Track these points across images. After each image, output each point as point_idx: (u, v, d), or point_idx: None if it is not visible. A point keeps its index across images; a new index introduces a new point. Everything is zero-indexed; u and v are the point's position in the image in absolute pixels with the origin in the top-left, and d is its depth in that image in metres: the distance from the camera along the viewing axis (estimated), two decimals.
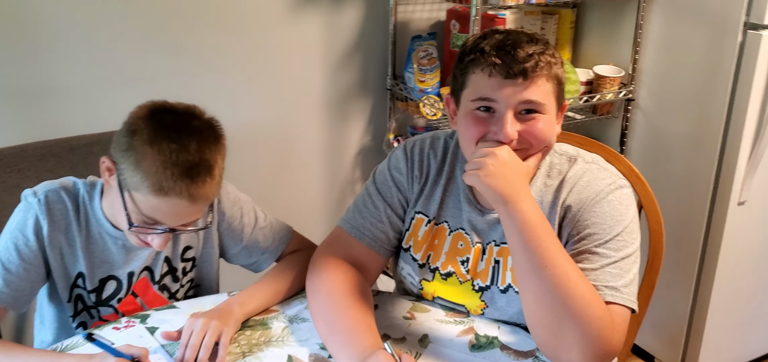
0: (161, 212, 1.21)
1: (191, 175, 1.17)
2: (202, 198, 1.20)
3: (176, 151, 1.17)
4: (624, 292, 1.16)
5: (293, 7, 2.37)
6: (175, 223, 1.24)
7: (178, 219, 1.24)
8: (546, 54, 1.18)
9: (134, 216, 1.22)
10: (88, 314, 1.40)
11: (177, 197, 1.17)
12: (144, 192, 1.18)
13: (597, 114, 2.52)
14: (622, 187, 1.25)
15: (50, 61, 2.04)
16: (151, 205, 1.20)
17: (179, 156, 1.17)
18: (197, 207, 1.23)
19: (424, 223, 1.36)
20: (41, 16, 2.00)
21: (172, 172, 1.16)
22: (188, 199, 1.18)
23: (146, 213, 1.21)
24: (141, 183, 1.18)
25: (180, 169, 1.16)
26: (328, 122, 2.61)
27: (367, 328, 1.20)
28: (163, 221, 1.22)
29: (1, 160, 1.56)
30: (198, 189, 1.18)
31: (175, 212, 1.21)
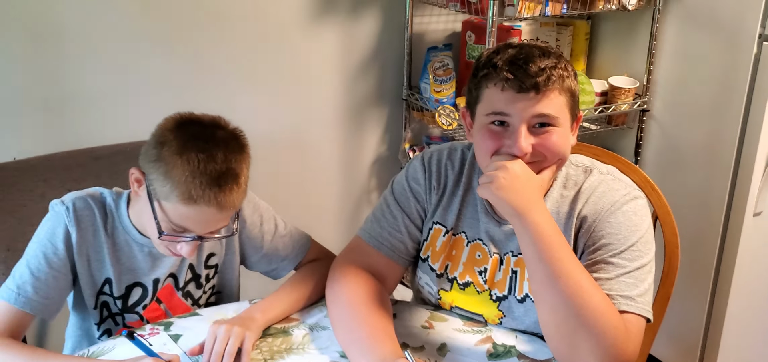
0: (190, 220, 1.24)
1: (219, 184, 1.21)
2: (229, 205, 1.24)
3: (204, 160, 1.20)
4: (639, 302, 1.17)
5: (311, 19, 2.40)
6: (203, 231, 1.27)
7: (207, 226, 1.27)
8: (558, 67, 1.19)
9: (164, 225, 1.25)
10: (113, 321, 1.43)
11: (206, 205, 1.21)
12: (173, 201, 1.22)
13: (612, 124, 2.53)
14: (637, 198, 1.27)
15: (75, 72, 2.08)
16: (180, 214, 1.23)
17: (207, 165, 1.20)
18: (225, 214, 1.26)
19: (442, 234, 1.38)
20: (67, 28, 2.04)
21: (200, 181, 1.20)
22: (216, 207, 1.22)
23: (176, 221, 1.24)
24: (170, 192, 1.21)
25: (208, 178, 1.20)
26: (344, 132, 2.64)
27: (386, 336, 1.22)
28: (192, 229, 1.26)
29: (27, 169, 1.59)
30: (226, 197, 1.22)
31: (204, 220, 1.25)
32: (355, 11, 2.46)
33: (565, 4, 2.20)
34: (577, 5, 2.21)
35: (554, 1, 2.16)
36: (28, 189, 1.57)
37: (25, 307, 1.27)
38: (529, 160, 1.21)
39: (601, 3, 2.25)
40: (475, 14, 2.15)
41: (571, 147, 1.27)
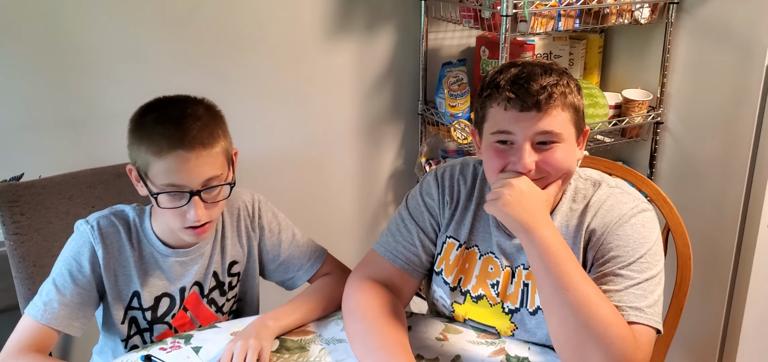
0: (171, 172, 1.28)
1: (178, 124, 1.28)
2: (197, 143, 1.28)
3: (162, 115, 1.31)
4: (648, 313, 1.19)
5: (328, 35, 2.44)
6: (194, 182, 1.29)
7: (190, 175, 1.29)
8: (560, 84, 1.22)
9: (160, 198, 1.30)
10: (141, 338, 1.47)
11: (174, 149, 1.27)
12: (151, 163, 1.28)
13: (626, 137, 2.54)
14: (645, 211, 1.29)
15: (100, 92, 2.14)
16: (160, 171, 1.28)
17: (166, 116, 1.30)
18: (201, 157, 1.29)
19: (455, 248, 1.41)
20: (91, 50, 2.10)
21: (161, 131, 1.28)
22: (185, 148, 1.27)
23: (163, 182, 1.29)
24: (145, 156, 1.29)
25: (168, 126, 1.29)
26: (360, 146, 2.67)
27: (402, 348, 1.24)
28: (180, 182, 1.29)
29: (53, 187, 1.64)
30: (189, 135, 1.27)
31: (183, 167, 1.28)
32: (370, 28, 2.50)
33: (577, 19, 2.22)
34: (590, 20, 2.23)
35: (566, 16, 2.18)
36: (54, 207, 1.62)
37: (51, 323, 1.31)
38: (534, 177, 1.23)
39: (613, 17, 2.27)
40: (489, 30, 2.17)
41: (578, 161, 1.29)
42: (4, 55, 2.01)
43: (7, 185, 1.60)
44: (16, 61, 2.02)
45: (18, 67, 2.03)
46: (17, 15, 1.99)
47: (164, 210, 1.31)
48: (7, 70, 2.02)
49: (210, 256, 1.48)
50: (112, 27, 2.11)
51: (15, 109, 2.06)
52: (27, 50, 2.03)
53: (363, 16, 2.48)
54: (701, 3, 2.25)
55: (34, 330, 1.30)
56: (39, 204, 1.60)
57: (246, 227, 1.52)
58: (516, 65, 1.25)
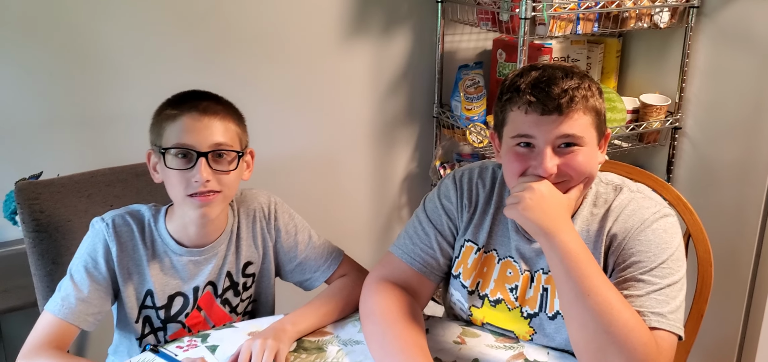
0: (182, 132, 1.32)
1: (196, 95, 1.37)
2: (210, 111, 1.34)
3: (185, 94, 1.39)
4: (670, 318, 1.18)
5: (344, 37, 2.44)
6: (202, 144, 1.32)
7: (200, 135, 1.32)
8: (582, 87, 1.21)
9: (168, 158, 1.33)
10: (155, 337, 1.48)
11: (188, 112, 1.33)
12: (166, 128, 1.34)
13: (643, 142, 2.52)
14: (667, 216, 1.27)
15: (117, 92, 2.15)
16: (173, 132, 1.33)
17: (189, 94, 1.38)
18: (212, 122, 1.34)
19: (473, 251, 1.40)
20: (109, 51, 2.11)
21: (178, 98, 1.37)
22: (198, 111, 1.33)
23: (173, 142, 1.32)
24: (162, 124, 1.35)
25: (184, 95, 1.38)
26: (375, 149, 2.66)
27: (420, 351, 1.24)
28: (190, 142, 1.32)
29: (71, 185, 1.64)
30: (203, 103, 1.35)
31: (194, 126, 1.33)
32: (386, 30, 2.50)
33: (596, 22, 2.21)
34: (609, 24, 2.22)
35: (585, 20, 2.17)
36: (73, 205, 1.62)
37: (69, 318, 1.32)
38: (555, 180, 1.22)
39: (632, 21, 2.25)
40: (506, 33, 2.17)
41: (599, 164, 1.28)
42: (24, 56, 2.02)
43: (26, 183, 1.61)
44: (36, 61, 2.04)
45: (37, 67, 2.05)
46: (37, 16, 2.00)
47: (170, 175, 1.33)
48: (26, 69, 2.04)
49: (224, 256, 1.48)
50: (130, 28, 2.12)
51: (34, 108, 2.07)
52: (46, 50, 2.04)
53: (379, 18, 2.48)
54: (722, 7, 2.23)
55: (53, 326, 1.32)
56: (58, 202, 1.61)
57: (262, 229, 1.52)
58: (536, 68, 1.24)
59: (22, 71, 2.03)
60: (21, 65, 2.03)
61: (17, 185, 1.60)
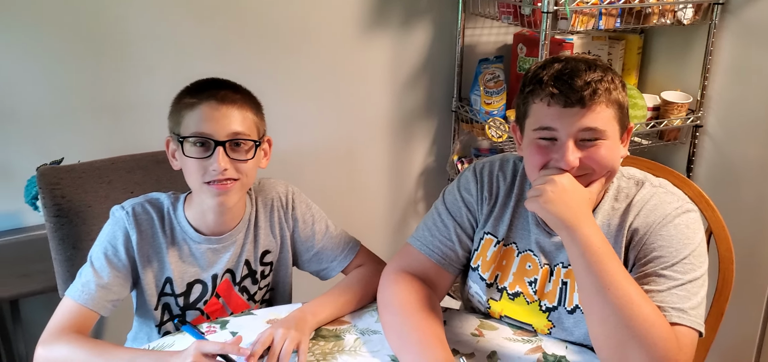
0: (201, 120, 1.33)
1: (213, 83, 1.38)
2: (228, 100, 1.35)
3: (200, 81, 1.39)
4: (691, 314, 1.17)
5: (364, 30, 2.44)
6: (220, 133, 1.33)
7: (218, 124, 1.33)
8: (605, 80, 1.19)
9: (186, 146, 1.33)
10: (173, 325, 1.49)
11: (207, 100, 1.34)
12: (185, 116, 1.34)
13: (664, 140, 2.51)
14: (690, 211, 1.26)
15: (137, 80, 2.16)
16: (192, 121, 1.34)
17: (207, 82, 1.39)
18: (230, 111, 1.34)
19: (492, 244, 1.40)
20: (131, 39, 2.13)
21: (197, 86, 1.37)
22: (217, 100, 1.34)
23: (192, 131, 1.33)
24: (181, 112, 1.35)
25: (203, 83, 1.38)
26: (392, 142, 2.66)
27: (438, 342, 1.24)
28: (208, 131, 1.32)
29: (93, 171, 1.65)
30: (221, 91, 1.35)
31: (212, 115, 1.33)
32: (407, 23, 2.50)
33: (619, 18, 2.20)
34: (631, 19, 2.21)
35: (608, 15, 2.16)
36: (93, 191, 1.64)
37: (89, 304, 1.33)
38: (577, 174, 1.21)
39: (655, 17, 2.24)
40: (528, 27, 2.16)
41: (622, 158, 1.27)
42: (45, 44, 2.04)
43: (48, 168, 1.62)
44: (58, 49, 2.06)
45: (59, 55, 2.06)
46: (60, 5, 2.02)
47: (188, 163, 1.34)
48: (48, 57, 2.05)
49: (242, 244, 1.49)
50: (152, 17, 2.13)
51: (55, 95, 2.09)
52: (68, 39, 2.06)
53: (400, 11, 2.47)
54: (747, 4, 2.21)
55: (73, 311, 1.33)
56: (79, 188, 1.62)
57: (279, 218, 1.52)
58: (559, 60, 1.23)
59: (45, 59, 2.05)
60: (43, 53, 2.05)
61: (39, 170, 1.61)
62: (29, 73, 2.05)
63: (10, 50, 2.01)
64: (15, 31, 2.00)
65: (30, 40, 2.02)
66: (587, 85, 1.17)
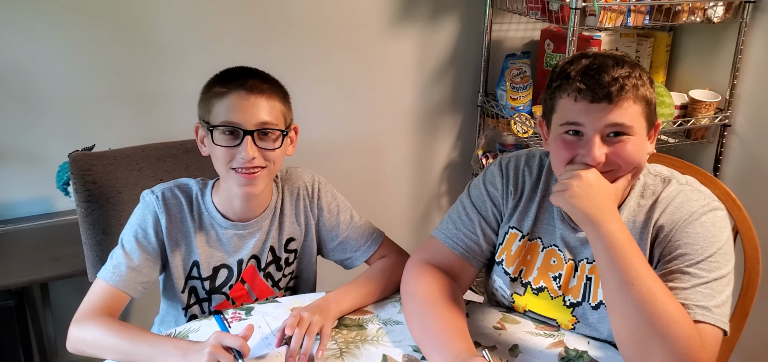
0: (230, 109, 1.35)
1: (242, 72, 1.40)
2: (257, 89, 1.37)
3: (233, 71, 1.41)
4: (715, 312, 1.16)
5: (391, 23, 2.45)
6: (249, 122, 1.35)
7: (247, 113, 1.35)
8: (632, 76, 1.19)
9: (216, 134, 1.36)
10: (200, 308, 1.52)
11: (236, 90, 1.36)
12: (214, 104, 1.37)
13: (691, 138, 2.49)
14: (717, 209, 1.26)
15: (169, 70, 2.19)
16: (221, 109, 1.36)
17: (236, 69, 1.41)
18: (259, 101, 1.36)
19: (517, 239, 1.40)
20: (162, 29, 2.16)
21: (227, 75, 1.40)
22: (246, 89, 1.36)
23: (221, 119, 1.35)
24: (210, 100, 1.38)
25: (232, 72, 1.40)
26: (417, 136, 2.67)
27: (460, 333, 1.24)
28: (237, 120, 1.35)
29: (123, 159, 1.68)
30: (250, 81, 1.37)
31: (241, 104, 1.35)
32: (434, 17, 2.50)
33: (647, 15, 2.18)
34: (660, 17, 2.19)
35: (636, 12, 2.15)
36: (124, 177, 1.67)
37: (119, 285, 1.36)
38: (603, 169, 1.21)
39: (684, 15, 2.22)
40: (556, 23, 2.15)
41: (648, 155, 1.26)
42: (77, 33, 2.08)
43: (80, 154, 1.65)
44: (91, 39, 2.09)
45: (92, 44, 2.10)
46: None
47: (217, 151, 1.37)
48: (81, 46, 2.09)
49: (267, 231, 1.51)
50: (183, 8, 2.16)
51: (87, 83, 2.13)
52: (99, 28, 2.09)
53: (427, 5, 2.48)
54: None
55: (105, 292, 1.36)
56: (110, 175, 1.65)
57: (305, 207, 1.54)
58: (587, 56, 1.23)
59: (78, 48, 2.09)
60: (76, 42, 2.09)
61: (71, 156, 1.64)
62: (61, 61, 2.09)
63: (42, 39, 2.05)
64: (48, 20, 2.04)
65: (62, 29, 2.06)
66: (615, 81, 1.17)
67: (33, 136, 2.12)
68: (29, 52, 2.05)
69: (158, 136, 1.81)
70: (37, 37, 2.04)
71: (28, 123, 2.10)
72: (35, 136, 2.12)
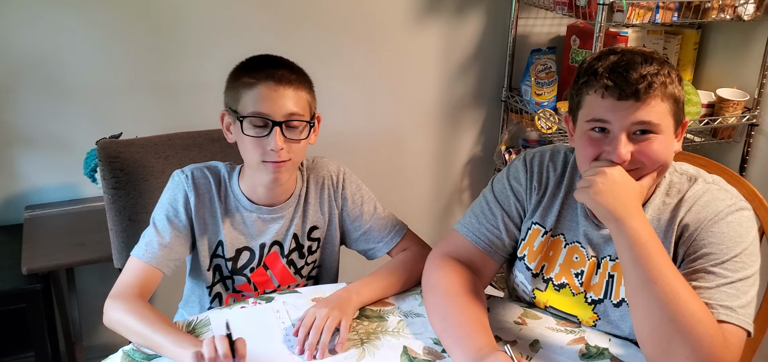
0: (259, 100, 1.38)
1: (269, 62, 1.42)
2: (285, 81, 1.39)
3: (259, 59, 1.44)
4: (740, 313, 1.15)
5: (415, 17, 2.45)
6: (277, 113, 1.38)
7: (276, 105, 1.38)
8: (661, 74, 1.18)
9: (245, 125, 1.38)
10: (224, 285, 1.55)
11: (265, 81, 1.38)
12: (243, 94, 1.39)
13: (717, 138, 2.46)
14: (743, 209, 1.24)
15: (195, 60, 2.22)
16: (250, 100, 1.38)
17: (263, 59, 1.44)
18: (287, 92, 1.39)
19: (540, 234, 1.40)
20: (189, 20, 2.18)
21: (256, 69, 1.41)
22: (275, 81, 1.38)
23: (250, 110, 1.38)
24: (238, 89, 1.40)
25: (263, 65, 1.42)
26: (440, 130, 2.67)
27: (481, 327, 1.25)
28: (266, 111, 1.37)
29: (150, 147, 1.71)
30: (279, 71, 1.39)
31: (270, 96, 1.38)
32: (460, 11, 2.49)
33: (676, 12, 2.16)
34: (689, 14, 2.17)
35: (665, 9, 2.12)
36: (150, 165, 1.69)
37: (152, 262, 1.40)
38: (628, 167, 1.20)
39: (714, 12, 2.19)
40: (583, 18, 2.14)
41: (674, 153, 1.26)
42: (106, 22, 2.10)
43: (108, 141, 1.67)
44: (119, 28, 2.12)
45: (120, 34, 2.13)
46: None
47: (246, 141, 1.39)
48: (110, 36, 2.12)
49: (291, 218, 1.53)
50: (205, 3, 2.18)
51: (115, 72, 2.16)
52: (128, 18, 2.12)
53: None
54: None
55: (138, 269, 1.40)
56: (136, 163, 1.67)
57: (329, 196, 1.56)
58: (615, 52, 1.22)
59: (106, 37, 2.12)
60: (104, 31, 2.11)
61: (99, 144, 1.67)
62: (90, 50, 2.11)
63: (71, 28, 2.08)
64: (77, 9, 2.07)
65: (91, 19, 2.09)
66: (643, 79, 1.16)
67: (61, 124, 2.15)
68: (58, 41, 2.08)
69: (184, 125, 1.83)
70: (66, 26, 2.07)
71: (57, 110, 2.14)
72: (63, 124, 2.15)
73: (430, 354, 1.26)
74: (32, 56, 2.07)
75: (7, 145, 2.13)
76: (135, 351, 1.27)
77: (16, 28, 2.03)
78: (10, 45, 2.04)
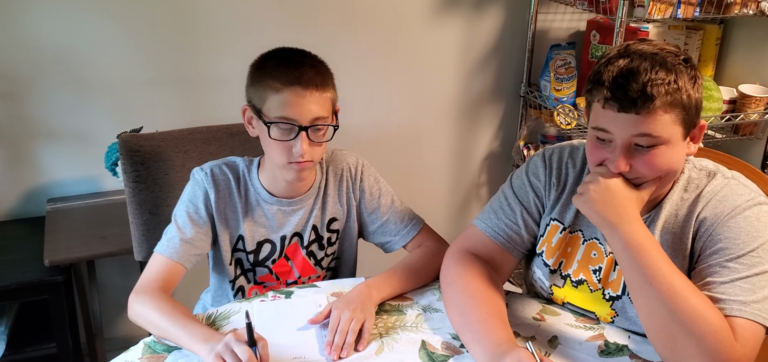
0: (286, 105, 1.38)
1: (297, 66, 1.40)
2: (312, 84, 1.39)
3: (284, 58, 1.43)
4: (753, 308, 1.14)
5: (434, 12, 2.45)
6: (303, 118, 1.38)
7: (302, 110, 1.38)
8: (667, 82, 1.14)
9: (272, 129, 1.39)
10: (245, 278, 1.57)
11: (292, 86, 1.38)
12: (269, 97, 1.39)
13: (738, 134, 2.44)
14: (762, 204, 1.23)
15: (212, 55, 2.23)
16: (276, 104, 1.39)
17: (288, 59, 1.43)
18: (313, 96, 1.39)
19: (558, 230, 1.40)
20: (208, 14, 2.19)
21: (282, 69, 1.40)
22: (301, 86, 1.38)
23: (277, 115, 1.38)
24: (264, 91, 1.40)
25: (289, 66, 1.40)
26: (458, 125, 2.67)
27: (500, 323, 1.25)
28: (292, 116, 1.38)
29: (170, 141, 1.72)
30: (304, 74, 1.39)
31: (297, 101, 1.38)
32: (479, 6, 2.49)
33: (698, 7, 2.14)
34: (711, 9, 2.15)
35: (686, 4, 2.11)
36: (171, 159, 1.70)
37: (174, 257, 1.42)
38: (629, 176, 1.20)
39: (736, 7, 2.17)
40: (603, 13, 2.12)
41: (685, 157, 1.24)
42: (127, 16, 2.12)
43: (129, 135, 1.69)
44: (139, 23, 2.14)
45: (141, 29, 2.14)
46: None
47: (272, 143, 1.40)
48: (130, 30, 2.14)
49: (311, 210, 1.55)
50: None
51: (136, 67, 2.17)
52: (149, 13, 2.14)
53: None
54: None
55: (161, 264, 1.42)
56: (157, 156, 1.68)
57: (347, 188, 1.58)
58: (626, 55, 1.18)
59: (127, 32, 2.14)
60: (125, 26, 2.13)
61: (120, 137, 1.68)
62: (111, 44, 2.13)
63: (93, 22, 2.10)
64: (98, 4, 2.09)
65: (112, 13, 2.11)
66: (644, 90, 1.13)
67: (83, 117, 2.17)
68: (80, 36, 2.10)
69: (204, 119, 1.84)
70: (88, 20, 2.09)
71: (79, 105, 2.16)
72: (85, 117, 2.18)
73: (448, 349, 1.27)
74: (54, 51, 2.09)
75: (30, 138, 2.16)
76: (156, 343, 1.28)
77: (38, 23, 2.05)
78: (33, 40, 2.06)
